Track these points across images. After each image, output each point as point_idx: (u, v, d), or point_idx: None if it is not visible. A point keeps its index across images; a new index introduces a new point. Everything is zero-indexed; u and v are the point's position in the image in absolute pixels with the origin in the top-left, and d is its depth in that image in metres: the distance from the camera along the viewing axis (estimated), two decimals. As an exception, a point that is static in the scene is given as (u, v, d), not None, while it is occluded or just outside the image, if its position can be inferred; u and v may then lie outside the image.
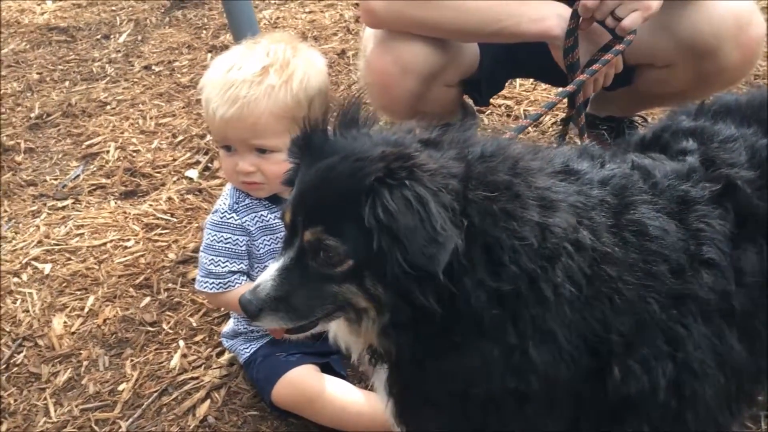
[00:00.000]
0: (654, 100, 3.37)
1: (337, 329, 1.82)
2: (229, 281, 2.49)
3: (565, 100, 2.83)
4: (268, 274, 1.64)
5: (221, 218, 2.49)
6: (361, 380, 2.65)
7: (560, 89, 2.71)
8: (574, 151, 1.83)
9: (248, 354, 2.64)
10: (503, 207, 1.47)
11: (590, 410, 1.62)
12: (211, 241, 2.50)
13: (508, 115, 4.12)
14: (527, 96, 4.22)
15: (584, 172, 1.71)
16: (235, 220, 2.48)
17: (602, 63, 2.60)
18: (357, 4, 5.75)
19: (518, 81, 4.26)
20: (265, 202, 2.51)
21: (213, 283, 2.50)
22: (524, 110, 4.13)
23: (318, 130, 1.69)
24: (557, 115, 3.96)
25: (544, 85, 4.26)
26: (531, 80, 4.28)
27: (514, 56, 3.07)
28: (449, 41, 2.94)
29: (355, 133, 1.66)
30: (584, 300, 1.51)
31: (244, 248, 2.50)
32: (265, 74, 2.34)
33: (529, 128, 3.32)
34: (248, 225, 2.49)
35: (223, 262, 2.48)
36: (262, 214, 2.50)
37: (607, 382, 1.57)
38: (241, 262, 2.50)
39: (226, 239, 2.48)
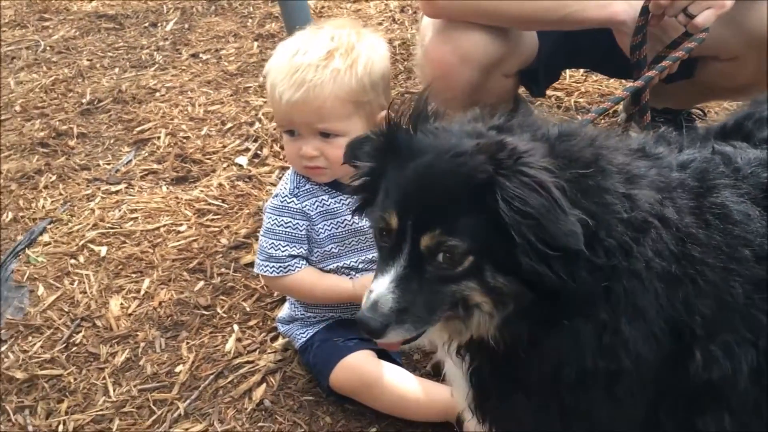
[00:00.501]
0: (715, 94, 3.31)
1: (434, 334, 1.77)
2: (288, 265, 2.51)
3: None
4: (383, 287, 1.56)
5: (282, 202, 2.51)
6: (415, 368, 2.66)
7: (627, 84, 2.68)
8: (650, 137, 1.82)
9: (305, 339, 2.66)
10: (596, 182, 1.47)
11: (670, 397, 1.61)
12: (272, 225, 2.52)
13: (558, 107, 4.08)
14: (578, 87, 4.18)
15: (662, 156, 1.71)
16: (296, 205, 2.50)
17: (672, 60, 2.55)
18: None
19: (569, 72, 4.22)
20: (326, 187, 2.53)
21: (273, 266, 2.52)
22: (575, 102, 4.09)
23: (401, 129, 1.65)
24: (615, 111, 3.91)
25: (595, 77, 4.22)
26: (582, 71, 4.24)
27: (574, 45, 3.03)
28: (509, 30, 2.91)
29: (432, 129, 1.64)
30: (671, 278, 1.50)
31: (303, 233, 2.51)
32: (330, 58, 2.35)
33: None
34: (308, 209, 2.51)
35: (283, 246, 2.50)
36: (323, 199, 2.52)
37: (688, 367, 1.55)
38: (301, 247, 2.52)
39: (286, 223, 2.50)
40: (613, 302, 1.49)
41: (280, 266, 2.52)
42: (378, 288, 1.56)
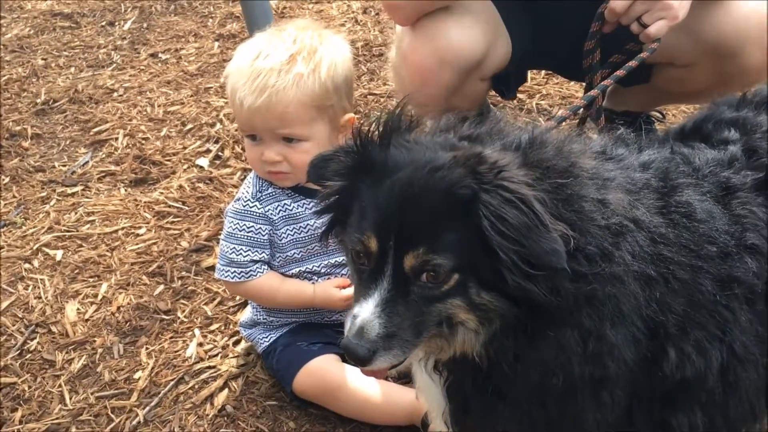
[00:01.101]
0: (671, 98, 3.37)
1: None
2: (250, 270, 2.47)
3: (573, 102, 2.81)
4: (368, 312, 1.50)
5: (244, 206, 2.47)
6: (396, 374, 2.63)
7: (584, 93, 2.70)
8: (609, 139, 1.83)
9: (267, 343, 2.62)
10: (573, 191, 1.46)
11: (644, 395, 1.62)
12: (233, 229, 2.48)
13: (521, 109, 4.11)
14: (539, 90, 4.22)
15: (624, 157, 1.71)
16: (258, 209, 2.46)
17: (626, 69, 2.57)
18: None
19: (530, 75, 4.25)
20: (289, 192, 2.49)
21: (234, 272, 2.48)
22: (536, 104, 4.13)
23: (374, 145, 1.59)
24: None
25: (556, 79, 4.26)
26: (543, 73, 4.28)
27: (542, 47, 3.05)
28: (488, 32, 2.91)
29: (405, 143, 1.59)
30: (647, 279, 1.51)
31: (266, 237, 2.48)
32: (293, 62, 2.31)
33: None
34: (271, 214, 2.47)
35: (245, 251, 2.46)
36: (285, 203, 2.48)
37: (662, 366, 1.57)
38: (263, 251, 2.48)
39: (248, 228, 2.46)
40: (597, 308, 1.48)
41: (241, 271, 2.48)
42: (363, 313, 1.50)
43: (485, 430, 1.72)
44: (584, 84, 2.84)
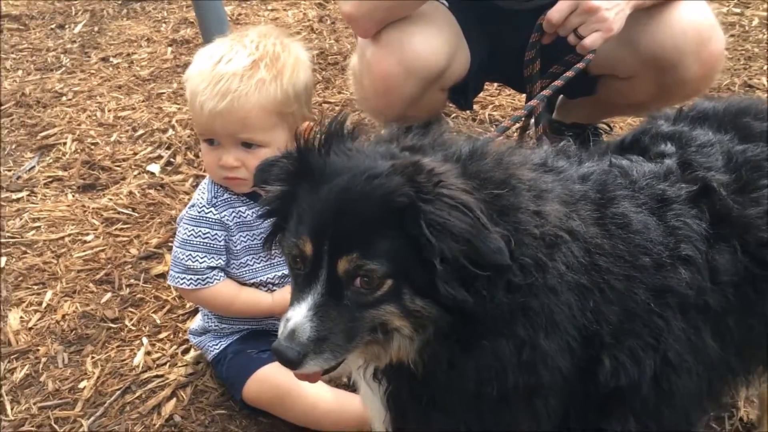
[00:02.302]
0: (616, 110, 3.45)
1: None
2: (207, 277, 2.45)
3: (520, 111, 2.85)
4: (300, 316, 1.50)
5: (199, 213, 2.45)
6: (330, 379, 2.63)
7: (526, 103, 2.76)
8: (551, 151, 1.86)
9: (217, 351, 2.60)
10: (509, 202, 1.48)
11: (579, 402, 1.64)
12: (188, 236, 2.45)
13: (474, 119, 4.17)
14: (492, 101, 4.28)
15: (564, 169, 1.74)
16: (214, 215, 2.44)
17: (564, 80, 2.63)
18: (320, 4, 5.74)
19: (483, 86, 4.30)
20: (244, 198, 2.48)
21: (190, 279, 2.45)
22: (489, 114, 4.18)
23: (313, 150, 1.60)
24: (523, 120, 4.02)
25: (508, 91, 4.33)
26: (495, 85, 4.34)
27: (493, 60, 3.10)
28: (450, 43, 2.95)
29: (346, 150, 1.60)
30: (582, 289, 1.54)
31: (222, 243, 2.46)
32: (255, 68, 2.30)
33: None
34: (227, 220, 2.45)
35: (201, 258, 2.44)
36: (240, 210, 2.47)
37: (597, 374, 1.59)
38: (220, 258, 2.46)
39: (204, 234, 2.44)
40: (531, 318, 1.50)
41: (198, 278, 2.45)
42: (295, 316, 1.50)
43: None
44: (525, 94, 2.90)
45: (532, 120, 2.86)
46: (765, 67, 4.57)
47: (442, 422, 1.65)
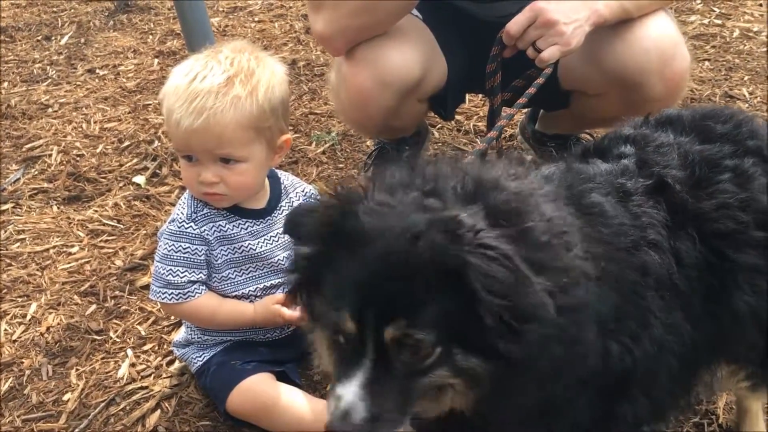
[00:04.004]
0: (591, 123, 3.50)
1: None
2: (188, 291, 2.46)
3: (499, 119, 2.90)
4: (351, 394, 1.43)
5: (179, 227, 2.46)
6: (315, 389, 2.65)
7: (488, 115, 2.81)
8: (506, 162, 1.78)
9: (201, 362, 2.60)
10: (528, 230, 1.47)
11: (593, 391, 1.66)
12: (168, 251, 2.46)
13: (458, 130, 4.20)
14: (477, 111, 4.32)
15: (527, 173, 1.73)
16: (194, 230, 2.46)
17: (527, 96, 2.65)
18: (306, 15, 5.77)
19: (468, 97, 4.34)
20: (224, 212, 2.50)
21: (171, 293, 2.46)
22: (474, 125, 4.22)
23: (348, 212, 1.49)
24: (506, 131, 4.07)
25: (492, 102, 4.36)
26: (480, 96, 4.39)
27: (474, 72, 3.14)
28: (424, 54, 3.00)
29: (374, 207, 1.49)
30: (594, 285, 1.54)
31: (203, 258, 2.47)
32: (230, 85, 2.32)
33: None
34: (207, 234, 2.47)
35: (182, 272, 2.45)
36: (220, 224, 2.48)
37: (608, 362, 1.60)
38: (201, 272, 2.47)
39: (185, 249, 2.45)
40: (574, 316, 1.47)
41: (179, 293, 2.46)
42: (346, 395, 1.43)
43: None
44: (488, 107, 2.96)
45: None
46: (746, 78, 4.64)
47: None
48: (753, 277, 1.78)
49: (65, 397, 2.70)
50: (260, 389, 2.44)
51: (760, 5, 5.53)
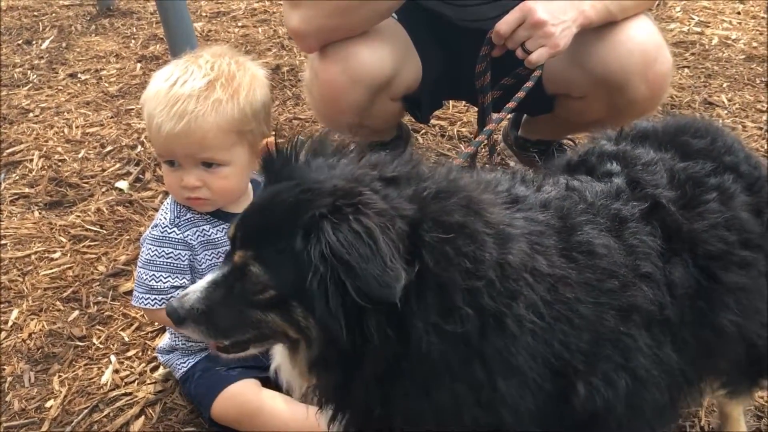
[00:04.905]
0: (575, 127, 3.52)
1: (280, 360, 1.81)
2: (171, 296, 2.43)
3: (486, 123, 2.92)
4: (199, 285, 1.66)
5: (162, 233, 2.45)
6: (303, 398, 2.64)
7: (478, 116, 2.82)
8: (510, 177, 1.87)
9: (185, 369, 2.59)
10: (456, 248, 1.45)
11: (555, 430, 1.65)
12: (151, 256, 2.45)
13: (442, 135, 4.22)
14: (461, 117, 4.34)
15: (525, 197, 1.75)
16: (177, 235, 2.45)
17: (516, 101, 2.68)
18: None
19: (452, 102, 4.37)
20: (207, 217, 2.49)
21: (155, 299, 2.45)
22: (458, 131, 4.24)
23: (282, 153, 1.67)
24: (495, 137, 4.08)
25: (476, 107, 4.39)
26: (464, 102, 4.41)
27: (452, 78, 3.16)
28: (396, 52, 3.02)
29: (321, 163, 1.63)
30: (546, 326, 1.54)
31: (186, 263, 2.46)
32: (211, 89, 2.32)
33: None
34: (190, 239, 2.46)
35: (165, 278, 2.44)
36: (204, 229, 2.48)
37: (572, 402, 1.60)
38: (184, 277, 2.46)
39: (168, 254, 2.44)
40: (488, 363, 1.50)
41: (162, 298, 2.45)
42: (197, 284, 1.66)
43: None
44: (478, 107, 2.97)
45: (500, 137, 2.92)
46: (725, 85, 4.71)
47: None
48: (739, 297, 1.79)
49: (48, 404, 2.68)
50: (245, 396, 2.43)
51: (738, 14, 5.62)
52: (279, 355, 1.83)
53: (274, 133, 2.57)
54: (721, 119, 4.26)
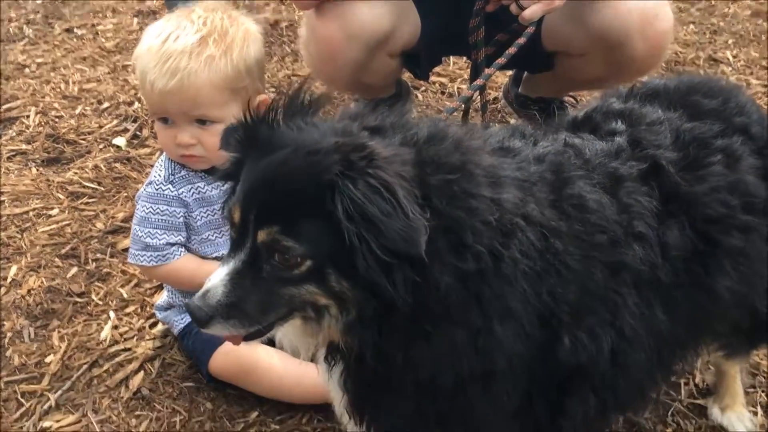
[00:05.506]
0: (575, 85, 3.49)
1: (287, 329, 1.72)
2: (167, 253, 2.45)
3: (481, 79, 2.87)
4: (217, 278, 1.53)
5: (157, 190, 2.44)
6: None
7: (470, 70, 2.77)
8: (507, 130, 1.86)
9: (183, 325, 2.61)
10: (462, 188, 1.47)
11: (541, 383, 1.67)
12: (146, 213, 2.44)
13: (443, 93, 4.18)
14: (461, 74, 4.29)
15: (520, 150, 1.74)
16: (171, 192, 2.44)
17: (506, 57, 2.62)
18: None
19: (452, 59, 4.31)
20: (202, 174, 2.48)
21: (151, 256, 2.45)
22: (458, 88, 4.20)
23: (263, 121, 1.60)
24: (490, 93, 4.05)
25: (476, 64, 4.33)
26: (465, 59, 4.35)
27: (450, 34, 3.11)
28: (393, 10, 2.96)
29: (302, 123, 1.59)
30: (537, 274, 1.55)
31: (181, 220, 2.46)
32: (204, 45, 2.29)
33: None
34: (185, 197, 2.45)
35: (161, 235, 2.44)
36: (199, 186, 2.47)
37: (557, 354, 1.61)
38: (179, 234, 2.46)
39: (162, 211, 2.44)
40: (485, 306, 1.50)
41: (158, 255, 2.46)
42: (214, 278, 1.53)
43: (380, 422, 1.73)
44: (471, 62, 2.95)
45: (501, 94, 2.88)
46: (730, 41, 4.63)
47: (397, 407, 1.66)
48: (738, 262, 1.79)
49: (47, 359, 2.71)
50: (241, 352, 2.43)
51: (746, -33, 5.50)
52: (287, 328, 1.74)
53: (271, 90, 2.54)
54: (726, 76, 4.20)
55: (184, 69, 2.24)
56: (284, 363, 2.44)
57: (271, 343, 2.54)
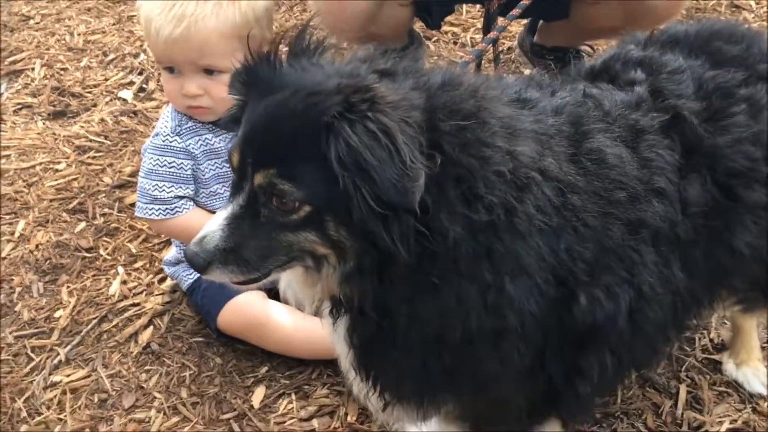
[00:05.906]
0: (591, 34, 3.39)
1: (290, 280, 1.69)
2: (176, 206, 2.41)
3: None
4: (215, 224, 1.48)
5: (164, 142, 2.39)
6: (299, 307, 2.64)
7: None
8: (523, 80, 1.79)
9: (191, 280, 2.59)
10: (476, 135, 1.40)
11: (556, 340, 1.63)
12: (153, 165, 2.40)
13: (455, 43, 4.06)
14: (474, 23, 4.16)
15: (537, 101, 1.67)
16: (179, 144, 2.39)
17: (521, 8, 2.54)
18: None
19: (465, 8, 4.19)
20: (209, 126, 2.42)
21: (158, 209, 2.41)
22: (471, 38, 4.08)
23: (264, 61, 1.53)
24: (504, 43, 3.94)
25: (490, 13, 4.20)
26: (478, 7, 4.22)
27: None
28: None
29: (306, 64, 1.53)
30: (552, 230, 1.50)
31: (189, 172, 2.41)
32: None
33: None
34: (192, 148, 2.40)
35: (168, 187, 2.40)
36: (206, 138, 2.42)
37: (573, 312, 1.57)
38: (188, 187, 2.42)
39: (170, 163, 2.39)
40: (496, 262, 1.45)
41: (166, 208, 2.42)
42: (211, 224, 1.49)
43: (388, 378, 1.70)
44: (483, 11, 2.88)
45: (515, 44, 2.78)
46: (753, -13, 4.46)
47: (403, 363, 1.62)
48: (758, 215, 1.73)
49: (57, 314, 2.70)
50: (250, 307, 2.43)
51: None
52: (287, 273, 1.73)
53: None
54: (747, 23, 4.06)
55: (190, 16, 2.17)
56: (293, 318, 2.42)
57: (276, 297, 2.53)
